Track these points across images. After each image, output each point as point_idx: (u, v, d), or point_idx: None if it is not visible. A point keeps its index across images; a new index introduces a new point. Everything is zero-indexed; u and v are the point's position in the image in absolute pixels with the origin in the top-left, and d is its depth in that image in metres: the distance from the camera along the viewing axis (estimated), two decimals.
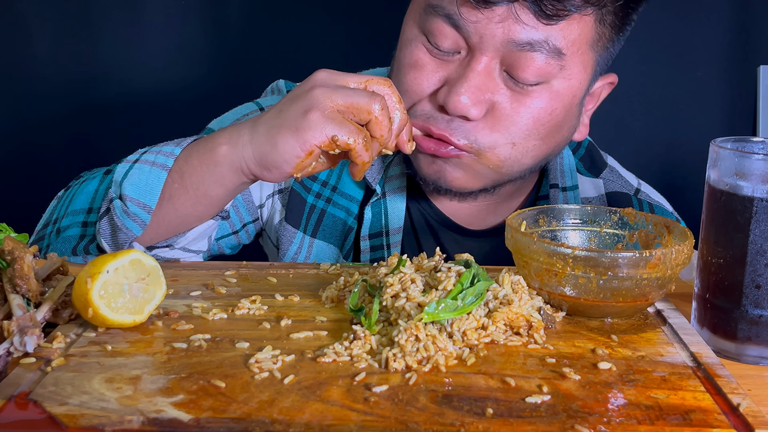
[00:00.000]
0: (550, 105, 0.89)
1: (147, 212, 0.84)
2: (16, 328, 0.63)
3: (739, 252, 0.68)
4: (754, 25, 1.70)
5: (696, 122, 1.74)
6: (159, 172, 0.84)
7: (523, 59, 0.86)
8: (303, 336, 0.66)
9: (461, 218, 1.05)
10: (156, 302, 0.69)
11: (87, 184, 0.95)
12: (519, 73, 0.87)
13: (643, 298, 0.71)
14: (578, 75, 0.90)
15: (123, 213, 0.84)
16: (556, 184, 1.04)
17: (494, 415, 0.54)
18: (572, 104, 0.92)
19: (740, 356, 0.69)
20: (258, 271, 0.84)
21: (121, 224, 0.84)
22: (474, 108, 0.87)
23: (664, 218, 0.79)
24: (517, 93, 0.88)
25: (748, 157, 0.68)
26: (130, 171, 0.85)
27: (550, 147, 0.95)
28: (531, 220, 0.81)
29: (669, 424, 0.54)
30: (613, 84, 1.00)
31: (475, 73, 0.87)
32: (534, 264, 0.72)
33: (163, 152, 0.85)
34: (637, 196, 1.08)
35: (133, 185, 0.84)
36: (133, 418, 0.53)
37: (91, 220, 0.90)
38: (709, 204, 0.71)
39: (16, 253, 0.71)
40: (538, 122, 0.90)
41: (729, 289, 0.69)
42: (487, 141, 0.89)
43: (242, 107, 1.08)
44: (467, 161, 0.91)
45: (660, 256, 0.69)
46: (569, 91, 0.90)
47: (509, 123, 0.89)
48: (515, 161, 0.92)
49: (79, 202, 0.93)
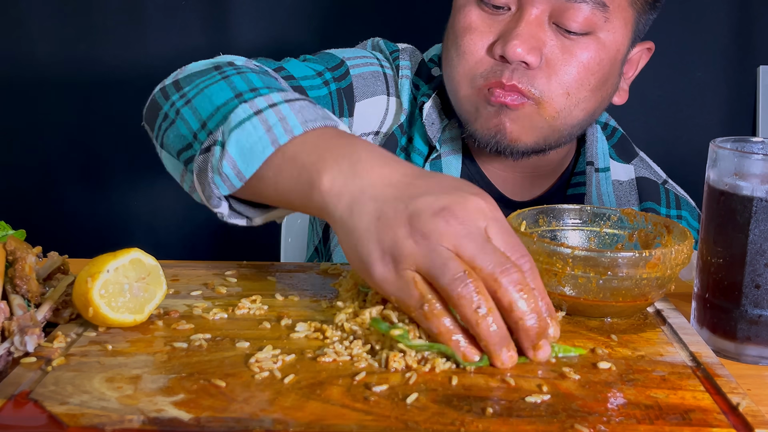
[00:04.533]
0: (598, 55, 0.96)
1: (239, 179, 0.73)
2: (16, 327, 0.63)
3: (738, 252, 0.68)
4: (754, 25, 1.70)
5: (696, 122, 1.74)
6: (267, 145, 0.71)
7: (571, 9, 0.93)
8: (303, 335, 0.67)
9: (506, 189, 1.11)
10: (156, 302, 0.69)
11: (218, 84, 0.82)
12: (567, 23, 0.94)
13: (642, 298, 0.71)
14: (621, 29, 0.97)
15: (217, 168, 0.74)
16: (591, 162, 1.09)
17: (494, 415, 0.54)
18: (616, 59, 0.99)
19: (740, 356, 0.70)
20: (258, 271, 0.84)
21: (211, 177, 0.74)
22: (529, 54, 0.93)
23: (664, 218, 0.79)
24: (567, 43, 0.95)
25: (748, 157, 0.68)
26: (246, 123, 0.73)
27: (597, 101, 1.01)
28: (531, 220, 0.81)
29: (668, 423, 0.54)
30: (650, 50, 1.07)
31: (526, 23, 0.93)
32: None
33: (286, 122, 0.72)
34: (664, 186, 1.14)
35: (239, 143, 0.72)
36: (134, 417, 0.53)
37: (201, 138, 0.79)
38: (708, 204, 0.71)
39: (18, 254, 0.71)
40: (589, 71, 0.96)
41: (728, 288, 0.69)
42: (546, 89, 0.95)
43: (361, 50, 1.12)
44: (528, 112, 0.97)
45: (659, 256, 0.69)
46: (614, 44, 0.97)
47: (563, 72, 0.95)
48: (569, 113, 0.98)
49: (201, 104, 0.81)
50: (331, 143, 0.70)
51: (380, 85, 1.09)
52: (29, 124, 1.75)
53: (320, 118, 0.73)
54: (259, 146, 0.72)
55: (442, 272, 0.58)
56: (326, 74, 1.04)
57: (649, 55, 1.08)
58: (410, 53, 1.12)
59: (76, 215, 1.78)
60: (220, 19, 1.71)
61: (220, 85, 0.81)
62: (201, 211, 1.89)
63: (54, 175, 1.76)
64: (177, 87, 0.86)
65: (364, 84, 1.07)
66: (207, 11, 1.70)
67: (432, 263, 0.59)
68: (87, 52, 1.70)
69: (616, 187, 1.11)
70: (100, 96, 1.73)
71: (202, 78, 0.84)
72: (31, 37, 1.70)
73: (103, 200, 1.79)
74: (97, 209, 1.78)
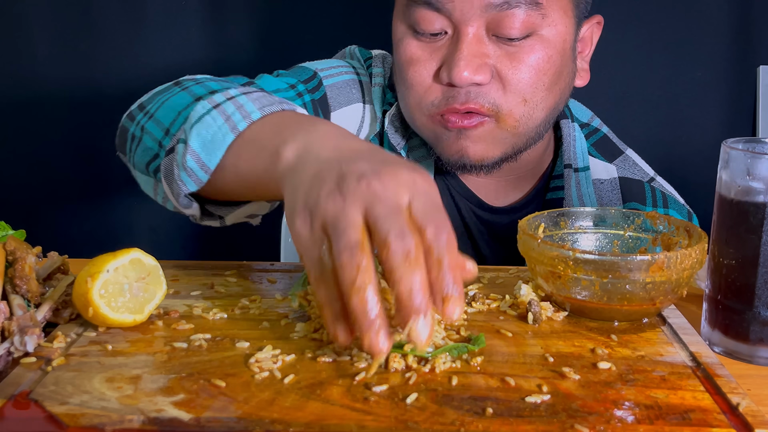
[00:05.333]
0: (546, 53, 0.94)
1: (205, 172, 0.75)
2: (16, 327, 0.63)
3: (751, 253, 0.67)
4: (754, 25, 1.70)
5: (696, 122, 1.74)
6: (226, 133, 0.73)
7: (506, 18, 0.91)
8: (303, 335, 0.67)
9: (484, 194, 1.10)
10: (156, 302, 0.69)
11: (178, 95, 0.86)
12: (507, 31, 0.92)
13: (650, 302, 0.70)
14: (561, 20, 0.95)
15: (182, 164, 0.75)
16: (569, 164, 1.08)
17: (494, 415, 0.54)
18: (564, 49, 0.97)
19: (753, 358, 0.69)
20: (258, 271, 0.84)
21: (177, 175, 0.76)
22: (477, 74, 0.91)
23: (684, 221, 0.78)
24: (512, 50, 0.93)
25: (760, 158, 0.67)
26: (206, 117, 0.75)
27: (556, 96, 0.99)
28: (551, 222, 0.80)
29: (668, 423, 0.54)
30: (600, 24, 1.05)
31: (466, 44, 0.91)
32: (539, 266, 0.73)
33: (244, 109, 0.74)
34: (650, 184, 1.12)
35: (200, 136, 0.74)
36: (134, 417, 0.53)
37: (165, 144, 0.81)
38: (720, 205, 0.70)
39: (18, 254, 0.71)
40: (540, 72, 0.94)
41: (741, 290, 0.68)
42: (502, 101, 0.94)
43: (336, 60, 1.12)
44: (488, 129, 0.96)
45: (663, 260, 0.68)
46: (558, 36, 0.95)
47: (516, 80, 0.94)
48: (529, 117, 0.97)
49: (163, 114, 0.84)
50: (290, 122, 0.71)
51: (355, 93, 1.08)
52: (29, 125, 1.75)
53: (277, 103, 0.75)
54: (219, 135, 0.73)
55: (338, 237, 0.56)
56: (299, 86, 1.04)
57: (600, 28, 1.05)
58: (383, 59, 1.11)
59: (77, 215, 1.78)
60: (220, 20, 1.71)
61: (180, 96, 0.85)
62: None
63: (54, 176, 1.76)
64: (141, 108, 0.90)
65: (338, 93, 1.07)
66: (207, 13, 1.70)
67: (335, 226, 0.57)
68: (87, 53, 1.70)
69: (597, 186, 1.09)
70: (100, 96, 1.73)
71: (163, 94, 0.88)
72: (31, 38, 1.70)
73: (103, 200, 1.79)
74: (98, 209, 1.78)
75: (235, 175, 0.74)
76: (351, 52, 1.15)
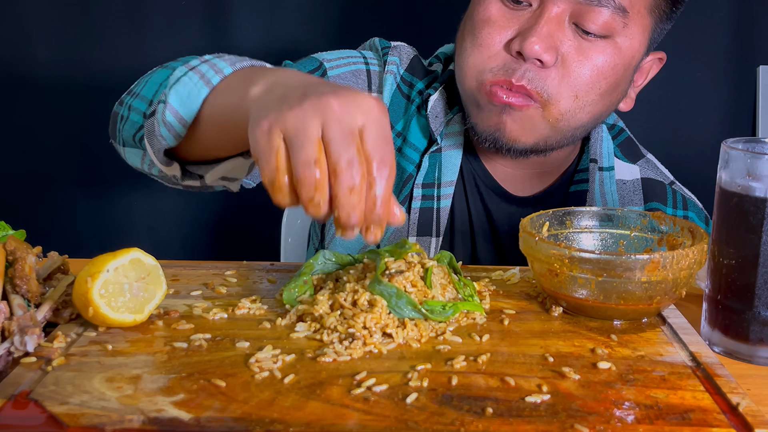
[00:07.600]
0: (613, 60, 0.96)
1: (182, 125, 0.80)
2: (16, 327, 0.63)
3: (751, 253, 0.67)
4: (754, 25, 1.70)
5: (696, 122, 1.74)
6: (201, 87, 0.79)
7: (591, 11, 0.93)
8: (303, 335, 0.67)
9: (508, 184, 1.11)
10: (156, 301, 0.69)
11: (160, 72, 0.93)
12: (587, 24, 0.93)
13: (647, 302, 0.70)
14: (638, 36, 0.97)
15: (161, 120, 0.80)
16: (595, 160, 1.10)
17: (494, 415, 0.54)
18: (630, 65, 0.99)
19: (753, 358, 0.69)
20: (258, 271, 0.84)
21: (158, 131, 0.81)
22: (546, 53, 0.93)
23: (689, 222, 0.78)
24: (584, 44, 0.95)
25: (760, 158, 0.67)
26: (183, 77, 0.80)
27: (605, 105, 1.01)
28: (557, 221, 0.80)
29: (668, 423, 0.54)
30: (662, 60, 1.07)
31: (546, 20, 0.93)
32: (537, 264, 0.73)
33: (217, 66, 0.80)
34: (672, 186, 1.14)
35: (178, 93, 0.80)
36: (134, 417, 0.53)
37: (148, 113, 0.87)
38: (720, 205, 0.70)
39: (18, 254, 0.71)
40: (601, 75, 0.96)
41: (741, 290, 0.68)
42: (555, 90, 0.95)
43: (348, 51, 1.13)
44: (531, 114, 0.97)
45: (659, 260, 0.68)
46: (630, 50, 0.97)
47: (576, 73, 0.95)
48: (573, 115, 0.98)
49: (147, 90, 0.92)
50: (261, 72, 0.75)
51: (360, 82, 1.10)
52: (30, 124, 1.75)
53: (248, 60, 0.81)
54: (195, 90, 0.79)
55: (298, 150, 0.61)
56: None
57: (660, 66, 1.08)
58: (400, 49, 1.12)
59: (76, 215, 1.78)
60: (220, 20, 1.71)
61: (161, 72, 0.94)
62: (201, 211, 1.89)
63: (54, 175, 1.76)
64: (128, 92, 0.95)
65: (342, 83, 1.07)
66: (207, 12, 1.70)
67: (295, 136, 0.61)
68: (87, 52, 1.70)
69: (620, 186, 1.11)
70: (100, 96, 1.72)
71: (147, 75, 0.95)
72: (31, 38, 1.70)
73: (103, 200, 1.78)
74: (98, 209, 1.78)
75: (211, 123, 0.79)
76: (371, 43, 1.17)
